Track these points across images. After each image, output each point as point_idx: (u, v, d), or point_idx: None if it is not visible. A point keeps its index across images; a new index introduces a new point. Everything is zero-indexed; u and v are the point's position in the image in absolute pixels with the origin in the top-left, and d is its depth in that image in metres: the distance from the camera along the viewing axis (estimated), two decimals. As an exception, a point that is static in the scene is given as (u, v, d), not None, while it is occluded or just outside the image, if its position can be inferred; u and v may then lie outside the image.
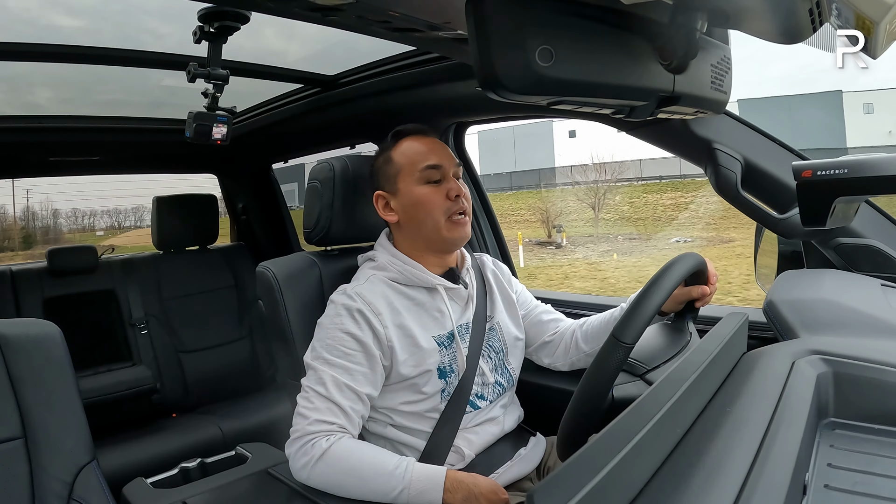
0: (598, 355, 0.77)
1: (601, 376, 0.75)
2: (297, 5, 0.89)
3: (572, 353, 1.15)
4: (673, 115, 0.79)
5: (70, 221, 23.94)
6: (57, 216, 23.03)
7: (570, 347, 1.16)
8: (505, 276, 1.20)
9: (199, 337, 2.27)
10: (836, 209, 0.90)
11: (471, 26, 0.52)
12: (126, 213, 26.84)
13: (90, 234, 23.79)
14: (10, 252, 19.93)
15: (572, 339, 1.16)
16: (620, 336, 0.76)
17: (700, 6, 0.61)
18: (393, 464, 0.88)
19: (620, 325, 0.77)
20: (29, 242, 21.00)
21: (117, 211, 26.67)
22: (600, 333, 1.11)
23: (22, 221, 21.00)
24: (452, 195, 1.01)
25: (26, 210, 21.65)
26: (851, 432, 0.58)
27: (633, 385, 0.89)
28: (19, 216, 20.99)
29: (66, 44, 1.31)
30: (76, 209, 23.89)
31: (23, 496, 0.81)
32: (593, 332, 1.13)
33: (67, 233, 23.36)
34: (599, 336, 1.11)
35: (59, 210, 23.07)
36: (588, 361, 1.14)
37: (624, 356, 0.75)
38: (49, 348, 0.88)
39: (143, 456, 1.77)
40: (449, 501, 0.86)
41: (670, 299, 1.01)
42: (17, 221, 20.77)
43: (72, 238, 21.80)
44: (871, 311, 0.83)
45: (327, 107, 1.72)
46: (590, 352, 1.12)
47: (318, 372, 0.94)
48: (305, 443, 0.90)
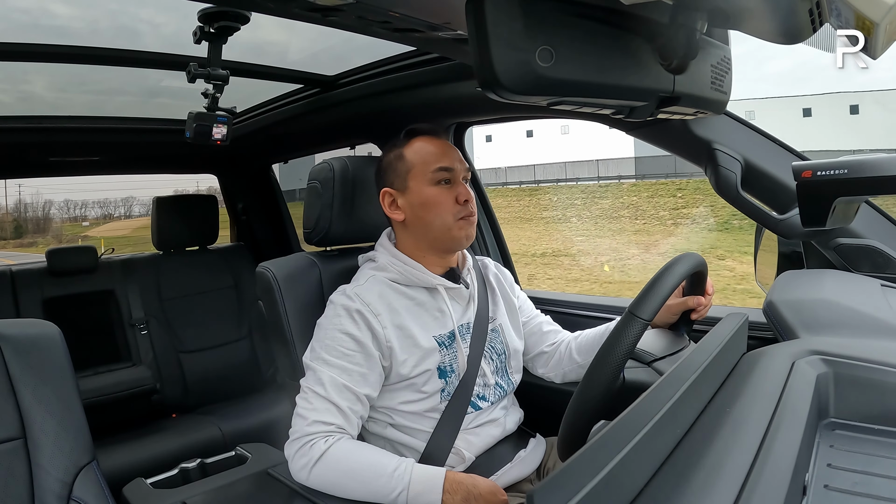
0: (612, 331, 0.75)
1: (615, 350, 0.73)
2: (297, 5, 0.89)
3: (565, 363, 1.16)
4: (673, 116, 0.79)
5: (62, 212, 25.17)
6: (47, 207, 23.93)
7: (563, 358, 1.16)
8: (508, 282, 1.20)
9: (199, 337, 2.26)
10: (836, 209, 0.90)
11: (471, 26, 0.52)
12: (116, 204, 27.41)
13: (77, 224, 24.40)
14: (2, 241, 21.84)
15: (566, 350, 1.16)
16: (637, 311, 0.74)
17: (700, 6, 0.61)
18: (392, 465, 0.88)
19: (636, 301, 0.76)
20: (20, 232, 22.84)
21: (108, 202, 27.26)
22: (593, 346, 1.11)
23: (14, 213, 22.57)
24: (462, 199, 1.01)
25: (18, 203, 23.47)
26: (851, 433, 0.58)
27: (644, 370, 0.87)
28: (12, 209, 22.36)
29: (64, 43, 1.31)
30: (68, 200, 25.00)
31: (22, 496, 0.81)
32: (587, 344, 1.13)
33: (57, 223, 24.17)
34: (593, 348, 1.11)
35: (51, 200, 24.29)
36: (580, 373, 1.14)
37: (639, 332, 0.73)
38: (49, 349, 0.88)
39: (142, 456, 1.77)
40: (448, 503, 0.86)
41: (667, 310, 1.02)
42: (8, 213, 22.34)
43: (60, 228, 22.67)
44: (871, 312, 0.83)
45: (327, 107, 1.72)
46: (583, 363, 1.12)
47: (317, 372, 0.94)
48: (304, 444, 0.90)
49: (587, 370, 0.74)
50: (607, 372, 0.72)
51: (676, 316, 1.03)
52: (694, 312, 1.01)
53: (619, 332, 0.74)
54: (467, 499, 0.86)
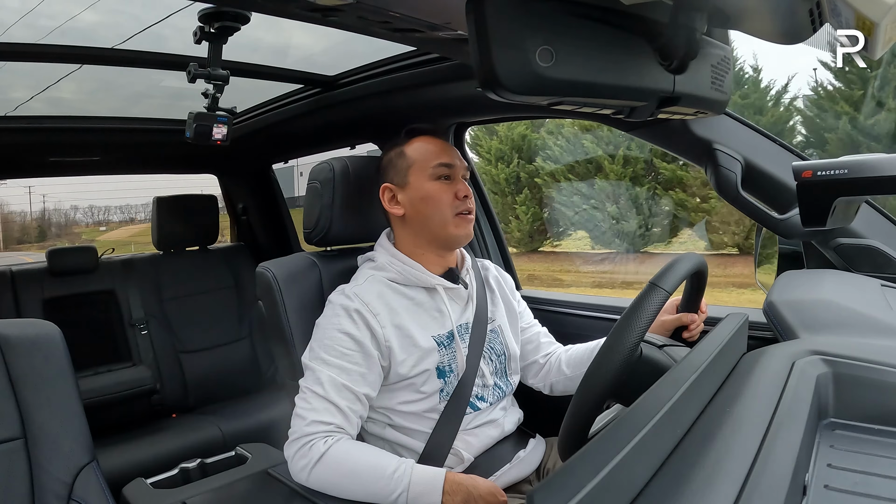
0: (633, 301, 0.72)
1: (636, 318, 0.69)
2: (297, 5, 0.89)
3: (553, 374, 1.17)
4: (673, 116, 0.79)
5: (87, 216, 28.55)
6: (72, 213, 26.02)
7: (552, 369, 1.17)
8: (508, 286, 1.20)
9: (199, 337, 2.26)
10: (836, 209, 0.90)
11: (471, 26, 0.52)
12: (136, 209, 28.93)
13: (95, 229, 25.94)
14: (27, 244, 24.92)
15: (556, 361, 1.17)
16: (659, 282, 0.72)
17: (700, 6, 0.61)
18: (392, 466, 0.88)
19: (660, 274, 0.74)
20: (43, 237, 25.78)
21: (129, 207, 28.92)
22: (583, 360, 1.12)
23: (38, 220, 25.53)
24: (461, 195, 1.02)
25: (43, 212, 26.71)
26: (851, 433, 0.58)
27: (660, 351, 0.85)
28: (36, 216, 25.90)
29: (69, 44, 1.31)
30: (93, 206, 27.58)
31: (22, 496, 0.81)
32: (577, 357, 1.14)
33: (79, 227, 25.96)
34: (583, 362, 1.12)
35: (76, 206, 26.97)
36: (568, 385, 1.15)
37: (661, 302, 0.70)
38: (49, 349, 0.88)
39: (142, 456, 1.77)
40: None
41: (661, 326, 1.03)
42: (33, 219, 25.66)
43: (80, 232, 26.20)
44: (871, 312, 0.83)
45: (327, 107, 1.72)
46: (571, 375, 1.14)
47: (316, 372, 0.94)
48: (303, 445, 0.90)
49: (606, 340, 0.71)
50: (627, 340, 0.69)
51: (669, 332, 1.04)
52: (686, 331, 1.03)
53: (641, 301, 0.71)
54: (467, 500, 0.86)
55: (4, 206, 24.29)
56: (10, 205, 24.80)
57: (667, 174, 8.48)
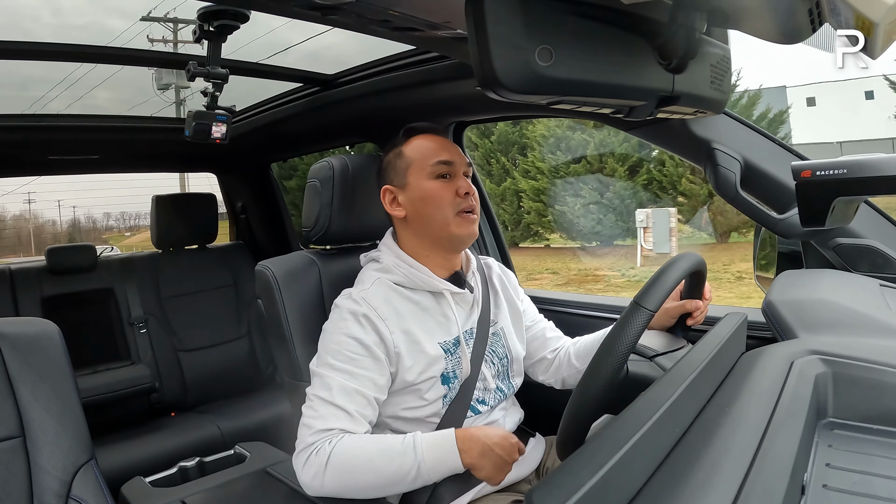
0: (617, 322, 0.74)
1: (621, 340, 0.71)
2: (297, 4, 0.89)
3: (564, 368, 1.16)
4: (672, 115, 0.79)
5: (119, 223, 30.35)
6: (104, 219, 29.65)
7: (562, 363, 1.16)
8: (512, 285, 1.18)
9: (197, 336, 2.26)
10: (835, 209, 0.90)
11: (470, 26, 0.52)
12: None
13: (121, 235, 27.31)
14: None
15: (565, 355, 1.16)
16: (642, 301, 0.73)
17: (700, 6, 0.61)
18: (399, 443, 0.86)
19: (642, 292, 0.74)
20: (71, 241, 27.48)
21: None
22: (591, 350, 1.10)
23: (68, 229, 27.82)
24: (462, 192, 0.99)
25: (73, 220, 28.83)
26: (850, 432, 0.58)
27: (646, 364, 0.86)
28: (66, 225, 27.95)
29: (69, 42, 1.31)
30: (124, 212, 29.89)
31: (21, 495, 0.81)
32: (585, 349, 1.13)
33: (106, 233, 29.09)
34: (591, 352, 1.10)
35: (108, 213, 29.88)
36: (579, 379, 1.14)
37: (644, 322, 0.72)
38: (48, 347, 0.88)
39: (141, 455, 1.77)
40: (467, 462, 0.85)
41: (664, 313, 1.02)
42: (63, 229, 27.97)
43: (107, 237, 27.66)
44: (870, 312, 0.83)
45: (327, 106, 1.71)
46: (581, 368, 1.12)
47: (324, 378, 0.92)
48: (310, 453, 0.87)
49: (591, 361, 0.72)
50: (612, 362, 0.71)
51: (674, 319, 1.03)
52: (690, 318, 1.01)
53: (625, 322, 0.72)
54: (483, 451, 0.86)
55: (39, 217, 26.81)
56: (43, 217, 27.44)
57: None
